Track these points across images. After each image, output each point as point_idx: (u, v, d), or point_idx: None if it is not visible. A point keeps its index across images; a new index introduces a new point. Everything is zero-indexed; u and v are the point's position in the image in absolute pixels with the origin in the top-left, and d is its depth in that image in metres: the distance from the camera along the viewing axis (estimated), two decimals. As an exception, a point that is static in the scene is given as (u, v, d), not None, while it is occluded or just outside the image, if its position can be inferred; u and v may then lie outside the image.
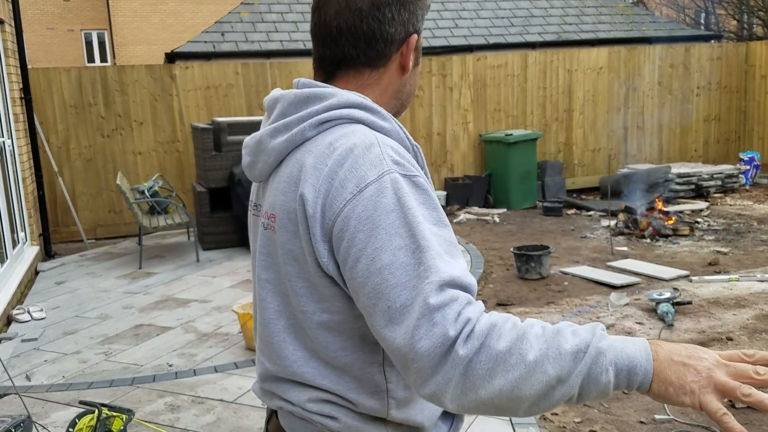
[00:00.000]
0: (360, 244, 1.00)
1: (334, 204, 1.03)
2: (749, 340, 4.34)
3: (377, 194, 1.01)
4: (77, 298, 5.81)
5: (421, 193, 1.04)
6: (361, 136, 1.08)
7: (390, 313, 0.97)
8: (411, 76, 1.24)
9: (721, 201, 8.98)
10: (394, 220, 0.99)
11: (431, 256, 0.97)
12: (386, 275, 0.97)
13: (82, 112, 8.13)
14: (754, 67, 10.57)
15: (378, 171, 1.03)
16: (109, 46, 23.36)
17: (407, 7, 1.18)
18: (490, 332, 0.95)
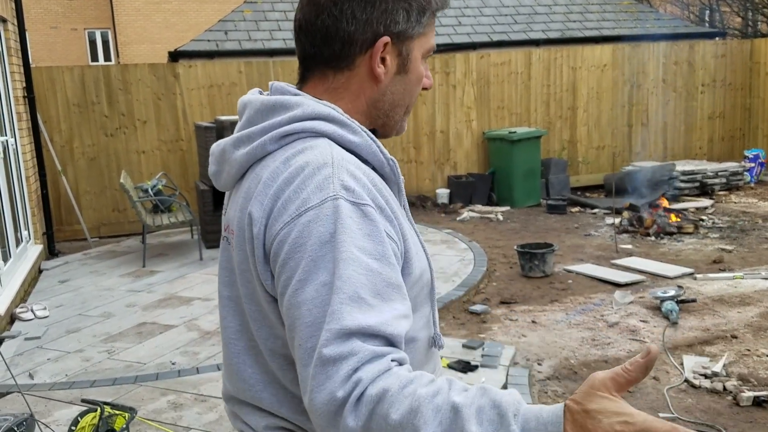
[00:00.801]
0: (289, 272, 0.95)
1: (274, 225, 0.98)
2: (754, 338, 4.32)
3: (315, 221, 0.95)
4: (80, 297, 5.82)
5: (368, 224, 0.96)
6: (317, 154, 1.01)
7: (300, 351, 0.92)
8: (394, 85, 1.12)
9: (726, 198, 8.94)
10: (325, 253, 0.92)
11: (340, 299, 0.89)
12: (303, 311, 0.92)
13: (86, 111, 8.14)
14: (759, 64, 10.52)
15: (322, 195, 0.96)
16: (113, 45, 23.39)
17: (377, 5, 1.06)
18: (381, 399, 0.85)
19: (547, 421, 0.82)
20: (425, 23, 1.11)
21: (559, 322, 4.78)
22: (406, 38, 1.10)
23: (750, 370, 3.86)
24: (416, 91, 1.16)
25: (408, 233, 1.06)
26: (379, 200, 1.00)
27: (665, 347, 4.26)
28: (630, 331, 4.55)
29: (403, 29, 1.09)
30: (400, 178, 1.12)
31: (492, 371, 3.92)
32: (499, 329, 4.70)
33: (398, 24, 1.08)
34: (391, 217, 1.01)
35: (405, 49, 1.11)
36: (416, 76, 1.14)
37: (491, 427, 0.82)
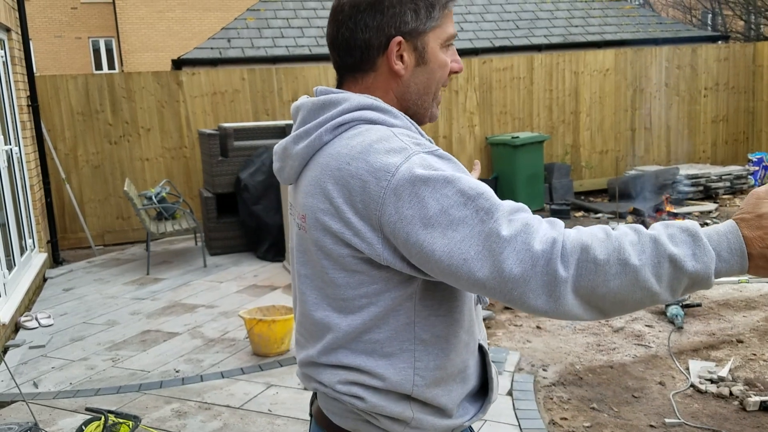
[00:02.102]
0: (410, 219, 1.05)
1: (374, 196, 1.08)
2: (760, 342, 4.30)
3: (409, 172, 1.06)
4: (85, 305, 5.82)
5: (448, 161, 1.12)
6: (377, 132, 1.14)
7: (469, 265, 1.03)
8: (416, 77, 1.24)
9: (730, 202, 8.92)
10: (434, 185, 1.05)
11: (485, 199, 1.04)
12: (450, 234, 1.03)
13: (90, 119, 8.17)
14: (762, 67, 10.51)
15: (403, 155, 1.09)
16: (117, 54, 23.50)
17: (384, 12, 1.20)
18: (582, 248, 1.00)
19: (726, 231, 1.01)
20: (437, 17, 1.22)
21: (564, 328, 4.77)
22: (419, 34, 1.22)
23: (756, 375, 3.83)
24: (441, 77, 1.26)
25: None
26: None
27: (671, 352, 4.24)
28: (635, 336, 4.53)
29: (414, 27, 1.21)
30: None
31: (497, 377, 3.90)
32: (504, 335, 4.69)
33: (408, 24, 1.20)
34: None
35: (420, 44, 1.22)
36: (437, 64, 1.25)
37: (686, 246, 1.00)
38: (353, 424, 1.25)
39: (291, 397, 3.79)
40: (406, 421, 1.22)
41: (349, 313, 1.20)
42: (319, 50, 9.69)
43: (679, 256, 0.99)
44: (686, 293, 1.04)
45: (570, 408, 3.61)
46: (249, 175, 7.08)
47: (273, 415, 3.58)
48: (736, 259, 1.00)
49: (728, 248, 1.00)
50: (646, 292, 0.99)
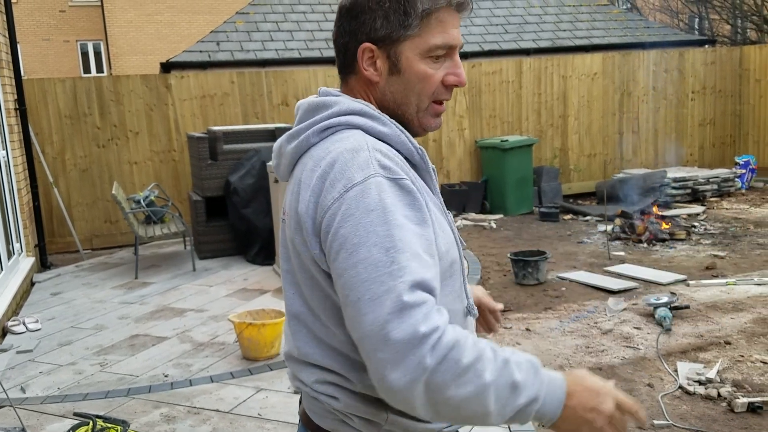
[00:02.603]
0: (341, 239, 1.08)
1: (324, 202, 1.12)
2: (747, 344, 4.33)
3: (361, 195, 1.08)
4: (73, 309, 5.78)
5: (406, 195, 1.11)
6: (354, 141, 1.15)
7: (359, 305, 1.05)
8: (391, 85, 1.24)
9: (718, 205, 8.99)
10: (373, 219, 1.07)
11: (406, 257, 1.05)
12: (360, 269, 1.05)
13: (78, 123, 8.12)
14: (749, 71, 10.61)
15: (365, 174, 1.10)
16: (105, 57, 23.40)
17: (357, 17, 1.21)
18: (455, 346, 1.02)
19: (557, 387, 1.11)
20: (415, 25, 1.19)
21: (553, 330, 4.78)
22: (393, 42, 1.20)
23: (744, 376, 3.86)
24: (424, 89, 1.23)
25: (434, 211, 1.20)
26: (410, 177, 1.15)
27: (659, 354, 4.26)
28: (624, 338, 4.55)
29: (385, 34, 1.20)
30: (430, 165, 1.25)
31: (486, 380, 3.91)
32: (493, 337, 4.70)
33: (378, 30, 1.20)
34: (421, 191, 1.16)
35: (394, 52, 1.21)
36: (415, 75, 1.22)
37: (528, 373, 1.07)
38: (332, 423, 1.25)
39: (281, 401, 3.78)
40: (379, 423, 1.22)
41: (319, 314, 1.21)
42: (309, 53, 9.70)
43: (520, 385, 1.05)
44: (506, 422, 1.07)
45: (559, 410, 3.62)
46: (239, 179, 7.06)
47: (263, 419, 3.57)
48: (550, 414, 1.08)
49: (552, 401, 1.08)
50: (482, 409, 1.03)
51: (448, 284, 1.23)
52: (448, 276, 1.22)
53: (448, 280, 1.22)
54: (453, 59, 1.25)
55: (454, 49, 1.24)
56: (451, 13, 1.22)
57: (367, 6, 1.20)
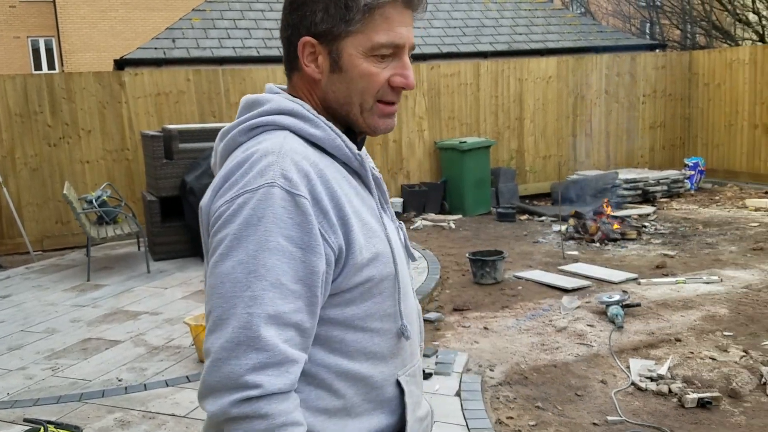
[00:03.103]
0: (217, 242, 1.05)
1: (218, 201, 1.08)
2: (697, 341, 4.47)
3: (248, 203, 1.03)
4: (23, 312, 5.62)
5: (298, 213, 1.03)
6: (269, 144, 1.09)
7: (210, 317, 1.03)
8: (333, 84, 1.16)
9: (668, 205, 9.24)
10: (249, 233, 1.02)
11: (263, 285, 1.00)
12: (218, 282, 1.02)
13: (28, 121, 7.90)
14: (698, 75, 10.94)
15: (261, 181, 1.04)
16: (57, 54, 22.78)
17: (299, 9, 1.14)
18: (262, 418, 0.99)
19: None
20: (358, 20, 1.10)
21: (510, 328, 4.85)
22: (334, 37, 1.12)
23: (694, 373, 3.98)
24: (367, 89, 1.15)
25: (367, 221, 1.13)
26: (317, 192, 1.06)
27: (612, 351, 4.36)
28: (577, 336, 4.65)
29: (326, 29, 1.12)
30: (369, 172, 1.18)
31: (445, 378, 3.95)
32: (453, 336, 4.74)
33: (317, 25, 1.12)
34: (327, 209, 1.06)
35: (335, 49, 1.13)
36: (358, 73, 1.14)
37: None
38: None
39: (239, 403, 3.74)
40: None
41: None
42: (267, 52, 9.62)
43: None
44: None
45: (516, 407, 3.68)
46: (195, 178, 6.96)
47: (220, 421, 3.53)
48: None
49: None
50: None
51: (375, 302, 1.14)
52: (376, 293, 1.13)
53: (375, 297, 1.13)
54: (401, 59, 1.16)
55: (401, 48, 1.15)
56: (399, 10, 1.13)
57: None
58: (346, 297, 1.11)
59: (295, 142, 1.10)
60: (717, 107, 10.69)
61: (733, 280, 5.73)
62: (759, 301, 5.20)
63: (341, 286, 1.10)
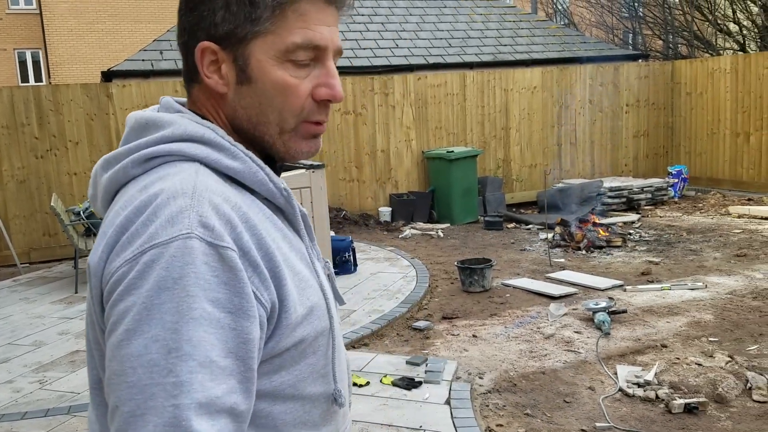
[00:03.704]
0: (119, 315, 0.80)
1: (114, 261, 0.83)
2: (683, 347, 4.53)
3: (158, 261, 0.80)
4: (10, 325, 5.59)
5: (225, 270, 0.81)
6: (177, 181, 0.86)
7: (116, 414, 0.78)
8: (241, 98, 0.94)
9: (652, 213, 9.35)
10: (165, 301, 0.78)
11: (190, 367, 0.77)
12: (127, 368, 0.78)
13: (15, 133, 7.87)
14: (680, 84, 11.10)
15: (173, 231, 0.81)
16: (44, 66, 22.69)
17: (195, 9, 0.93)
18: None
19: None
20: (266, 18, 0.91)
21: (499, 336, 4.90)
22: (238, 40, 0.92)
23: (680, 378, 4.03)
24: (287, 104, 0.94)
25: (298, 270, 0.93)
26: (244, 242, 0.85)
27: (599, 357, 4.41)
28: (565, 343, 4.70)
29: (228, 30, 0.92)
30: (297, 209, 0.98)
31: (435, 387, 3.98)
32: (442, 344, 4.78)
33: (217, 26, 0.92)
34: (257, 261, 0.85)
35: (240, 54, 0.93)
36: (271, 84, 0.93)
37: None
38: None
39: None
40: None
41: None
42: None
43: None
44: None
45: (505, 414, 3.71)
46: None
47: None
48: None
49: None
50: None
51: (308, 363, 0.94)
52: (310, 353, 0.94)
53: (308, 357, 0.94)
54: (325, 66, 0.95)
55: (323, 52, 0.94)
56: (318, 7, 0.93)
57: None
58: (276, 363, 0.90)
59: (210, 179, 0.88)
60: (699, 116, 10.85)
61: (717, 287, 5.82)
62: (743, 306, 5.28)
63: (273, 350, 0.89)
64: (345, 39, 10.44)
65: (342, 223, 9.06)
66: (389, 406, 3.76)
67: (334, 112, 9.32)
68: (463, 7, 11.96)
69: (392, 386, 4.00)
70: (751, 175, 10.14)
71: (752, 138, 10.08)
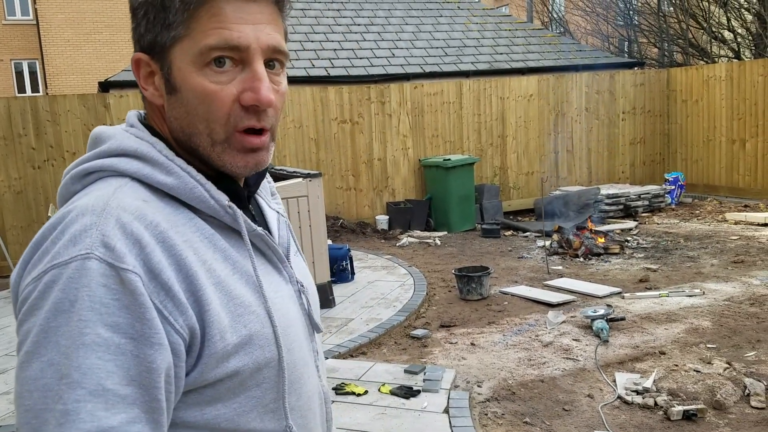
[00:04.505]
0: (21, 337, 0.79)
1: (25, 279, 0.81)
2: (681, 354, 4.53)
3: (55, 282, 0.77)
4: (6, 336, 5.57)
5: (126, 294, 0.77)
6: (92, 198, 0.83)
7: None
8: (172, 109, 0.90)
9: (649, 220, 9.37)
10: (60, 324, 0.75)
11: (78, 395, 0.74)
12: (24, 390, 0.76)
13: (12, 144, 7.88)
14: (675, 92, 11.16)
15: (73, 251, 0.77)
16: (41, 76, 22.73)
17: (133, 19, 0.91)
18: None
19: None
20: (179, 22, 0.86)
21: (497, 344, 4.90)
22: (161, 48, 0.88)
23: (679, 385, 4.03)
24: (210, 113, 0.88)
25: (235, 296, 0.87)
26: (154, 263, 0.80)
27: (598, 365, 4.42)
28: (564, 350, 4.70)
29: (152, 39, 0.88)
30: (243, 227, 0.91)
31: (434, 395, 3.98)
32: (440, 353, 4.77)
33: (144, 36, 0.89)
34: (170, 284, 0.80)
35: (166, 63, 0.88)
36: (192, 92, 0.87)
37: None
38: None
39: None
40: None
41: None
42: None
43: None
44: None
45: (504, 423, 3.71)
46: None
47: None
48: None
49: None
50: None
51: (251, 396, 0.88)
52: (252, 386, 0.88)
53: (250, 390, 0.88)
54: (250, 68, 0.87)
55: (245, 52, 0.87)
56: (236, 5, 0.86)
57: (136, 2, 0.89)
58: (208, 394, 0.85)
59: (130, 196, 0.84)
60: (695, 123, 10.90)
61: (715, 293, 5.83)
62: (741, 313, 5.28)
63: (199, 381, 0.83)
64: (341, 48, 10.49)
65: (339, 232, 9.06)
66: (387, 415, 3.76)
67: (330, 121, 9.35)
68: (459, 16, 12.02)
69: (390, 395, 3.99)
70: (747, 182, 10.17)
71: (748, 145, 10.13)
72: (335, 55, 10.28)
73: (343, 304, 5.94)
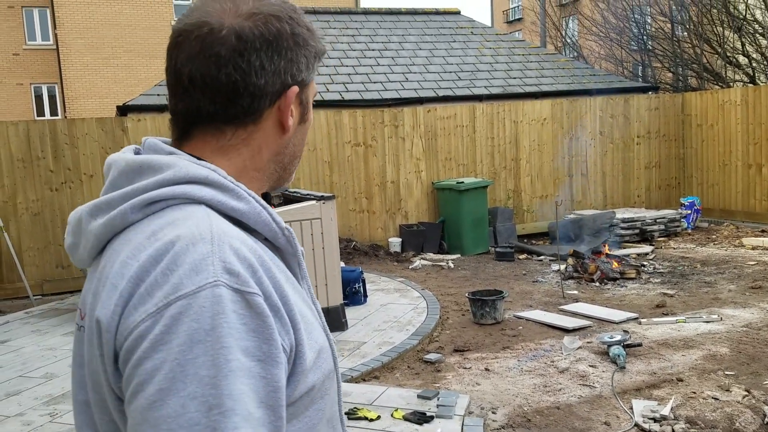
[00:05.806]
0: (144, 376, 0.76)
1: (133, 315, 0.79)
2: (699, 380, 4.46)
3: (187, 313, 0.76)
4: (21, 357, 5.59)
5: (253, 317, 0.79)
6: (192, 226, 0.83)
7: None
8: (296, 135, 1.01)
9: (665, 244, 9.29)
10: (198, 355, 0.75)
11: (235, 422, 0.74)
12: (164, 430, 0.73)
13: (30, 166, 7.99)
14: (690, 116, 11.12)
15: (199, 280, 0.78)
16: (60, 100, 23.12)
17: (283, 54, 0.95)
18: None
19: None
20: (314, 69, 1.02)
21: (512, 369, 4.84)
22: (306, 85, 1.01)
23: (697, 413, 3.97)
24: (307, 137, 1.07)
25: (304, 313, 0.91)
26: (265, 286, 0.82)
27: (614, 392, 4.35)
28: (580, 377, 4.64)
29: (305, 77, 0.99)
30: (299, 249, 0.96)
31: (447, 422, 3.93)
32: (454, 378, 4.73)
33: (301, 72, 0.98)
34: (278, 306, 0.83)
35: (305, 97, 1.01)
36: (310, 122, 1.05)
37: None
38: None
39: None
40: None
41: None
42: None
43: None
44: None
45: (519, 450, 3.65)
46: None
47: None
48: None
49: None
50: None
51: (317, 408, 0.91)
52: (318, 398, 0.91)
53: (317, 402, 0.91)
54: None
55: None
56: None
57: (292, 41, 0.96)
58: (289, 412, 0.85)
59: (222, 222, 0.86)
60: (711, 147, 10.84)
61: (732, 319, 5.74)
62: (759, 339, 5.20)
63: (288, 400, 0.85)
64: (356, 73, 10.58)
65: (352, 254, 9.06)
66: (401, 441, 3.71)
67: (344, 144, 9.40)
68: (473, 41, 12.09)
69: (403, 421, 3.95)
70: (764, 207, 10.07)
71: (764, 169, 10.05)
72: (349, 79, 10.37)
73: (355, 327, 5.91)
